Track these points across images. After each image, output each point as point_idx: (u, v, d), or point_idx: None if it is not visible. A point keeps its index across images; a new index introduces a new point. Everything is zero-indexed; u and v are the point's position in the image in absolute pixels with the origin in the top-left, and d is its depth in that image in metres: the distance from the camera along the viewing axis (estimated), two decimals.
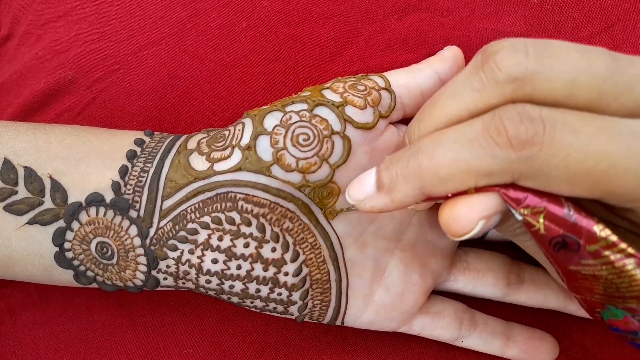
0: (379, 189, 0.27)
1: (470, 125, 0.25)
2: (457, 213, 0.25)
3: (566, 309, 0.37)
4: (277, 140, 0.31)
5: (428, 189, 0.25)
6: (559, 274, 0.25)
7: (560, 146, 0.22)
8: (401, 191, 0.26)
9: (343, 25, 0.40)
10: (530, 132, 0.23)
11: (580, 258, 0.24)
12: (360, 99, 0.32)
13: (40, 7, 0.42)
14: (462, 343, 0.37)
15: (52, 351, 0.40)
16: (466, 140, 0.24)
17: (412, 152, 0.26)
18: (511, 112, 0.23)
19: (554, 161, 0.22)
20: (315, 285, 0.34)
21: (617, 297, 0.24)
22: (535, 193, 0.24)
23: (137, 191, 0.33)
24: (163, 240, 0.32)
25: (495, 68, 0.24)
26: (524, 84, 0.24)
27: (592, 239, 0.23)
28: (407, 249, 0.35)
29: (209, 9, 0.40)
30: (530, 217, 0.24)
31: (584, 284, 0.25)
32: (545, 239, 0.24)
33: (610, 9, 0.38)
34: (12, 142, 0.34)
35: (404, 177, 0.26)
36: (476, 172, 0.24)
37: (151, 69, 0.40)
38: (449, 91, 0.27)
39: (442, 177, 0.25)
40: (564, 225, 0.23)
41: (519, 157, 0.23)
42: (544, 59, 0.24)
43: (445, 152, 0.25)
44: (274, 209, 0.32)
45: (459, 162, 0.24)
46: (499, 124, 0.23)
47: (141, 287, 0.34)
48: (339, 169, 0.32)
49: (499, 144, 0.23)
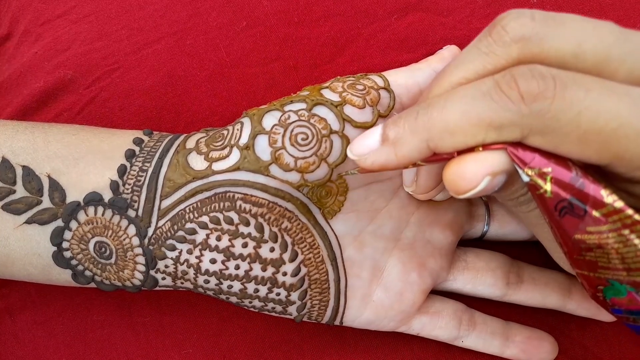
0: (383, 142, 0.27)
1: (482, 82, 0.25)
2: (463, 168, 0.24)
3: (565, 308, 0.37)
4: (276, 140, 0.31)
5: (435, 143, 0.25)
6: (561, 246, 0.25)
7: (571, 102, 0.22)
8: (407, 144, 0.26)
9: (343, 25, 0.40)
10: (542, 87, 0.23)
11: (586, 224, 0.23)
12: (359, 99, 0.32)
13: (39, 7, 0.42)
14: (461, 343, 0.37)
15: (51, 351, 0.40)
16: (478, 93, 0.24)
17: (421, 107, 0.26)
18: (523, 69, 0.23)
19: (564, 117, 0.22)
20: (314, 285, 0.34)
21: (622, 270, 0.24)
22: (543, 155, 0.24)
23: (136, 190, 0.32)
24: (161, 240, 0.32)
25: (502, 31, 0.25)
26: (531, 44, 0.24)
27: (598, 204, 0.23)
28: (405, 249, 0.35)
29: (209, 8, 0.40)
30: (536, 178, 0.23)
31: (588, 256, 0.24)
32: (550, 204, 0.24)
33: (610, 9, 0.38)
34: (10, 141, 0.34)
35: (412, 129, 0.26)
36: (487, 124, 0.24)
37: (151, 68, 0.40)
38: (459, 59, 0.27)
39: (451, 129, 0.24)
40: (571, 189, 0.23)
41: (530, 110, 0.23)
42: (549, 22, 0.24)
43: (456, 105, 0.24)
44: (273, 209, 0.32)
45: (469, 114, 0.24)
46: (511, 79, 0.23)
47: (139, 286, 0.34)
48: (337, 169, 0.32)
49: (511, 97, 0.23)
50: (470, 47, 0.26)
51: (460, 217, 0.37)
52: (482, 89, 0.24)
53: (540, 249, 0.37)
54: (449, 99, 0.25)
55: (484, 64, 0.25)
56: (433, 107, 0.25)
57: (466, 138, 0.24)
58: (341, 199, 0.33)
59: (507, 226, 0.38)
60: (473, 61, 0.26)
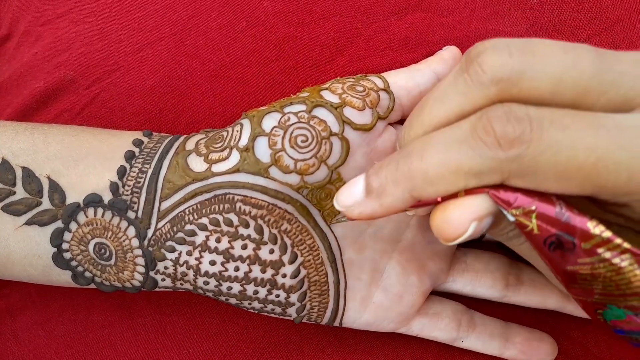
0: (367, 194, 0.27)
1: (458, 127, 0.24)
2: (448, 216, 0.25)
3: (565, 309, 0.37)
4: (276, 142, 0.31)
5: (418, 192, 0.25)
6: (556, 276, 0.25)
7: (548, 143, 0.22)
8: (390, 195, 0.26)
9: (343, 25, 0.40)
10: (518, 131, 0.22)
11: (576, 257, 0.23)
12: (358, 100, 0.32)
13: (39, 7, 0.42)
14: (461, 344, 0.37)
15: (52, 351, 0.40)
16: (455, 141, 0.24)
17: (401, 156, 0.26)
18: (498, 111, 0.23)
19: (543, 158, 0.22)
20: (313, 287, 0.34)
21: (618, 296, 0.24)
22: (525, 193, 0.24)
23: (135, 192, 0.33)
24: (161, 242, 0.32)
25: (479, 70, 0.24)
26: (509, 84, 0.24)
27: (586, 236, 0.23)
28: (405, 251, 0.35)
29: (209, 8, 0.40)
30: (522, 218, 0.24)
31: (583, 285, 0.24)
32: (539, 240, 0.24)
33: (610, 9, 0.38)
34: (10, 143, 0.34)
35: (394, 180, 0.26)
36: (465, 172, 0.24)
37: (151, 68, 0.40)
38: (435, 95, 0.27)
39: (431, 178, 0.24)
40: (557, 224, 0.23)
41: (508, 155, 0.23)
42: (527, 58, 0.24)
43: (434, 154, 0.25)
44: (272, 211, 0.32)
45: (448, 163, 0.24)
46: (487, 124, 0.23)
47: (139, 288, 0.34)
48: (337, 170, 0.32)
49: (487, 144, 0.23)
50: (447, 83, 0.26)
51: None
52: (458, 137, 0.24)
53: None
54: (427, 147, 0.25)
55: (461, 105, 0.25)
56: (412, 156, 0.25)
57: (447, 186, 0.24)
58: None
59: None
60: (451, 100, 0.26)
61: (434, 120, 0.26)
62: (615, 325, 0.26)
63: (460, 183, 0.24)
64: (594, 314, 0.26)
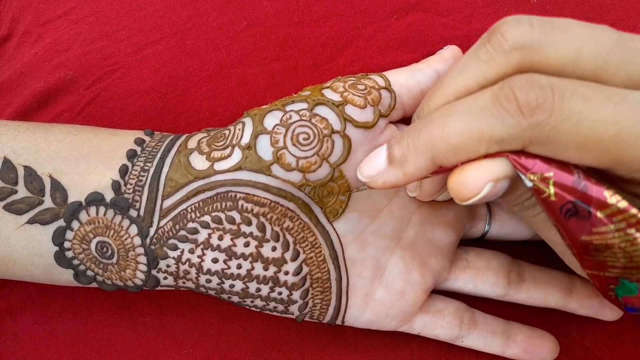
0: (390, 164, 0.28)
1: (480, 95, 0.25)
2: (466, 176, 0.25)
3: (567, 307, 0.37)
4: (277, 140, 0.31)
5: (440, 159, 0.26)
6: (570, 248, 0.25)
7: (570, 113, 0.23)
8: (413, 163, 0.26)
9: (343, 25, 0.40)
10: (540, 99, 0.23)
11: (592, 226, 0.23)
12: (360, 98, 0.32)
13: (40, 7, 0.42)
14: (462, 342, 0.37)
15: (52, 351, 0.40)
16: (477, 109, 0.24)
17: (423, 124, 0.26)
18: (520, 81, 0.24)
19: (563, 127, 0.23)
20: (316, 284, 0.34)
21: (631, 268, 0.24)
22: (544, 160, 0.24)
23: (137, 190, 0.33)
24: (163, 240, 0.32)
25: (501, 39, 0.25)
26: (530, 52, 0.24)
27: (602, 204, 0.23)
28: (407, 248, 0.35)
29: (209, 8, 0.40)
30: (539, 183, 0.24)
31: (597, 256, 0.24)
32: (555, 207, 0.24)
33: (610, 9, 0.38)
34: (12, 142, 0.34)
35: (416, 148, 0.26)
36: (488, 139, 0.24)
37: (151, 68, 0.40)
38: (458, 67, 0.27)
39: (454, 146, 0.25)
40: (574, 192, 0.23)
41: (530, 123, 0.23)
42: (548, 30, 0.24)
43: (456, 122, 0.25)
44: (274, 208, 0.32)
45: (470, 131, 0.24)
46: (509, 92, 0.24)
47: (141, 286, 0.34)
48: (338, 167, 0.32)
49: (510, 112, 0.23)
50: (469, 54, 0.27)
51: (462, 216, 0.37)
52: (480, 105, 0.24)
53: (542, 249, 0.38)
54: (449, 116, 0.25)
55: (483, 73, 0.26)
56: (434, 125, 0.26)
57: (469, 153, 0.25)
58: (343, 199, 0.33)
59: (508, 226, 0.38)
60: (473, 69, 0.26)
61: (455, 91, 0.27)
62: (627, 302, 0.26)
63: (481, 150, 0.24)
64: (606, 290, 0.26)
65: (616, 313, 0.37)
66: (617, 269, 0.25)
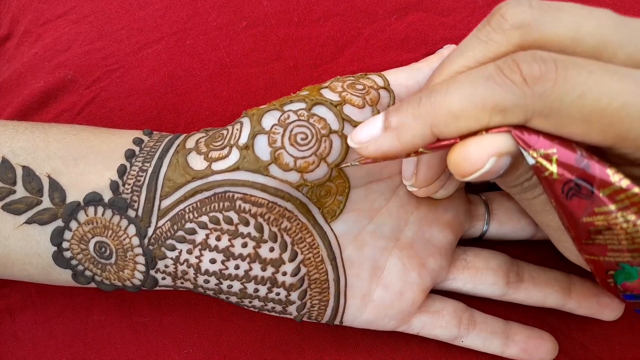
0: (385, 129, 0.27)
1: (484, 67, 0.25)
2: (467, 150, 0.24)
3: (566, 307, 0.37)
4: (275, 140, 0.31)
5: (439, 128, 0.25)
6: (569, 231, 0.25)
7: (574, 83, 0.22)
8: (410, 130, 0.26)
9: (343, 25, 0.40)
10: (544, 69, 0.23)
11: (593, 206, 0.23)
12: (358, 98, 0.32)
13: (40, 7, 0.42)
14: (461, 342, 0.37)
15: (52, 351, 0.40)
16: (481, 78, 0.24)
17: (424, 93, 0.26)
18: (524, 54, 0.24)
19: (568, 98, 0.22)
20: (314, 284, 0.34)
21: (633, 251, 0.24)
22: (547, 137, 0.24)
23: (136, 191, 0.33)
24: (161, 240, 0.32)
25: (501, 19, 0.25)
26: (530, 31, 0.24)
27: (604, 183, 0.23)
28: (405, 248, 0.35)
29: (209, 8, 0.40)
30: (542, 160, 0.23)
31: (597, 239, 0.24)
32: (557, 186, 0.24)
33: (610, 9, 0.38)
34: (10, 142, 0.34)
35: (415, 115, 0.25)
36: (491, 107, 0.24)
37: (151, 68, 0.40)
38: (459, 48, 0.27)
39: (455, 113, 0.24)
40: (576, 170, 0.23)
41: (534, 92, 0.23)
42: (547, 9, 0.24)
43: (459, 89, 0.24)
44: (272, 209, 0.32)
45: (473, 98, 0.24)
46: (513, 64, 0.24)
47: (139, 286, 0.34)
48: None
49: (514, 80, 0.23)
50: (470, 37, 0.27)
51: (460, 216, 0.36)
52: (484, 74, 0.24)
53: (540, 248, 0.38)
54: (452, 85, 0.25)
55: (484, 52, 0.26)
56: (436, 93, 0.25)
57: (470, 122, 0.24)
58: (340, 199, 0.33)
59: (506, 225, 0.37)
60: (473, 49, 0.26)
61: (455, 70, 0.26)
62: (625, 289, 0.26)
63: (484, 119, 0.24)
64: (604, 276, 0.26)
65: (615, 313, 0.36)
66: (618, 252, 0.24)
